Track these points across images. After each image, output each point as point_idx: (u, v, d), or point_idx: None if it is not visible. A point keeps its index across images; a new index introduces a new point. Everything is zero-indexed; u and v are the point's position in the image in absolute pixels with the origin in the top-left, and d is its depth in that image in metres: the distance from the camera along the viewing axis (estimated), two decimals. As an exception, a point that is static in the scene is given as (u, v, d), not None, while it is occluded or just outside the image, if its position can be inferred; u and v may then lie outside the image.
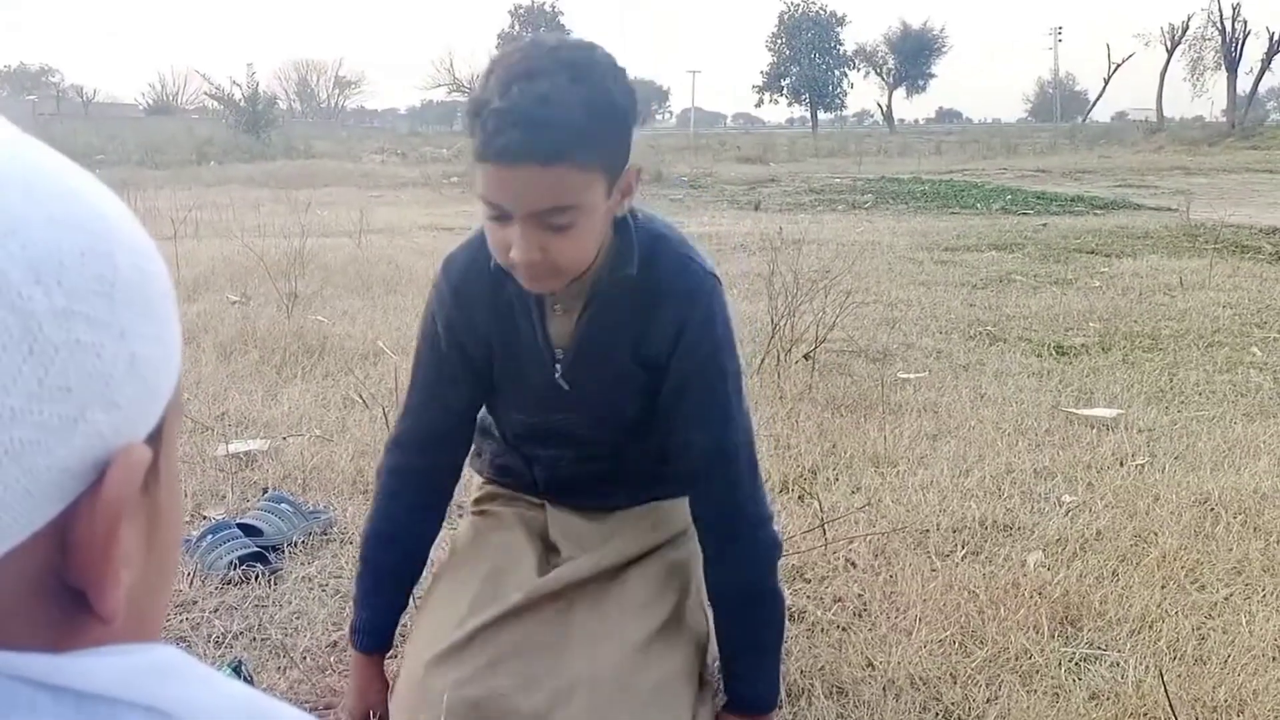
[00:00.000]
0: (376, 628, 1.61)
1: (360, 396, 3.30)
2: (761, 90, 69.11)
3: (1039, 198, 12.17)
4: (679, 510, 1.61)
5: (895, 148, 29.34)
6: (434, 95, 72.52)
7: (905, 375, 3.65)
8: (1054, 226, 8.57)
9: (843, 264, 5.83)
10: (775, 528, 1.55)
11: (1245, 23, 39.32)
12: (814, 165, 22.25)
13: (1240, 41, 39.37)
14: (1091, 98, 61.52)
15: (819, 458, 2.80)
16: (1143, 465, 2.73)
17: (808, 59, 66.65)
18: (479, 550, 1.65)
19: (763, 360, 3.71)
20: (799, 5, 67.17)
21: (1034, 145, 28.32)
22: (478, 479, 1.79)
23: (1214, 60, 41.14)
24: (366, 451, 2.79)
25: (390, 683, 1.60)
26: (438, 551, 1.71)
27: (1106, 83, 51.03)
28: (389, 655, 1.65)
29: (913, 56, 65.68)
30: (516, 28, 66.48)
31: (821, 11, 66.98)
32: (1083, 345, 4.16)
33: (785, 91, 68.56)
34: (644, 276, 1.46)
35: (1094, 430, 3.06)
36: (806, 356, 3.72)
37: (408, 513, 1.59)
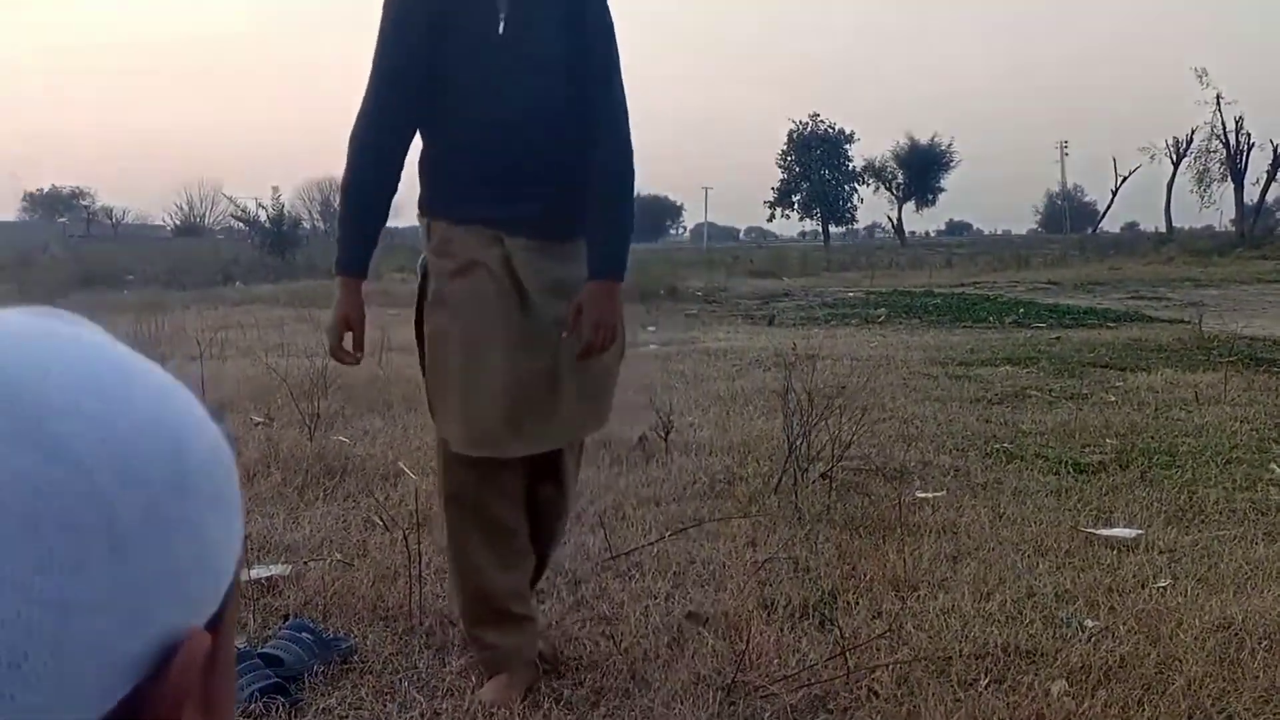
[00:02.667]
0: (361, 257, 2.10)
1: (381, 519, 3.32)
2: (773, 205, 70.30)
3: (1052, 311, 12.27)
4: None
5: (907, 260, 29.70)
6: (453, 212, 73.97)
7: (923, 494, 3.66)
8: (1067, 340, 8.63)
9: (858, 380, 5.88)
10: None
11: (1249, 135, 40.05)
12: (827, 279, 22.51)
13: (1245, 154, 40.03)
14: (1100, 209, 62.35)
15: (838, 581, 2.80)
16: (1165, 588, 2.71)
17: (818, 175, 67.96)
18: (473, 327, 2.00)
19: (780, 479, 3.73)
20: (808, 124, 68.86)
21: (1045, 257, 28.61)
22: (438, 224, 2.06)
23: (1220, 172, 41.74)
24: (387, 576, 2.81)
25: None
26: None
27: (1114, 194, 51.77)
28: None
29: (921, 171, 66.84)
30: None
31: (830, 129, 68.60)
32: (1100, 462, 4.16)
33: (796, 206, 69.74)
34: None
35: (1114, 551, 3.05)
36: (824, 476, 3.74)
37: (383, 170, 2.05)
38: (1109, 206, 54.95)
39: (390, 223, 2.18)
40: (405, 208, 2.24)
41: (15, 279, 18.35)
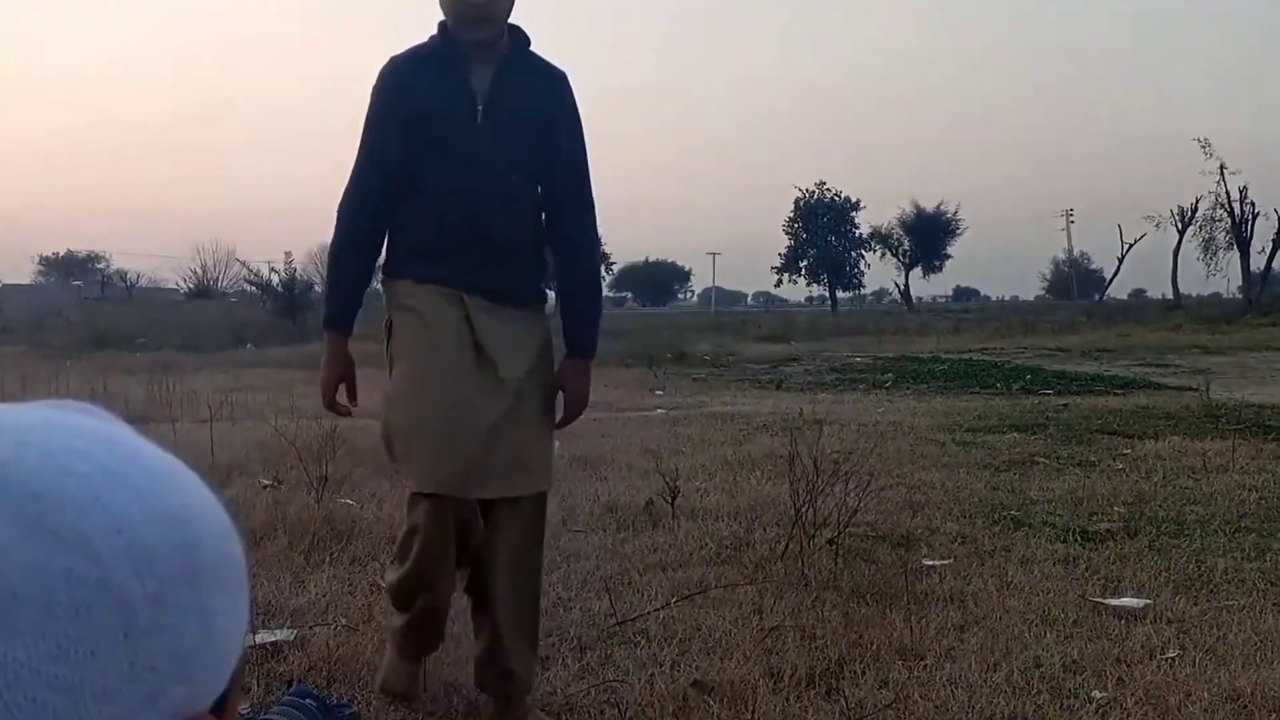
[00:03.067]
0: (348, 314, 2.28)
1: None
2: (780, 270, 70.73)
3: (1059, 377, 12.27)
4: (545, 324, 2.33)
5: (914, 326, 29.78)
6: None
7: (930, 562, 3.65)
8: (1075, 407, 8.63)
9: (865, 445, 5.88)
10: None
11: (1253, 204, 40.30)
12: (834, 344, 22.57)
13: (1250, 222, 40.22)
14: (1106, 275, 62.56)
15: (845, 649, 2.78)
16: (1173, 659, 2.69)
17: (824, 241, 68.44)
18: (430, 358, 2.18)
19: (786, 546, 3.72)
20: (814, 191, 69.52)
21: (1052, 324, 28.67)
22: (400, 284, 2.23)
23: (1225, 240, 41.91)
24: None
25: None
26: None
27: (1121, 261, 51.93)
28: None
29: (927, 238, 67.26)
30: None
31: (836, 197, 69.24)
32: (1108, 531, 4.15)
33: (804, 271, 70.15)
34: (535, 56, 2.26)
35: (1122, 621, 3.03)
36: (831, 542, 3.73)
37: (372, 233, 2.25)
38: (1115, 273, 55.09)
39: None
40: None
41: (29, 341, 18.52)
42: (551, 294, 2.51)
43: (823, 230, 68.78)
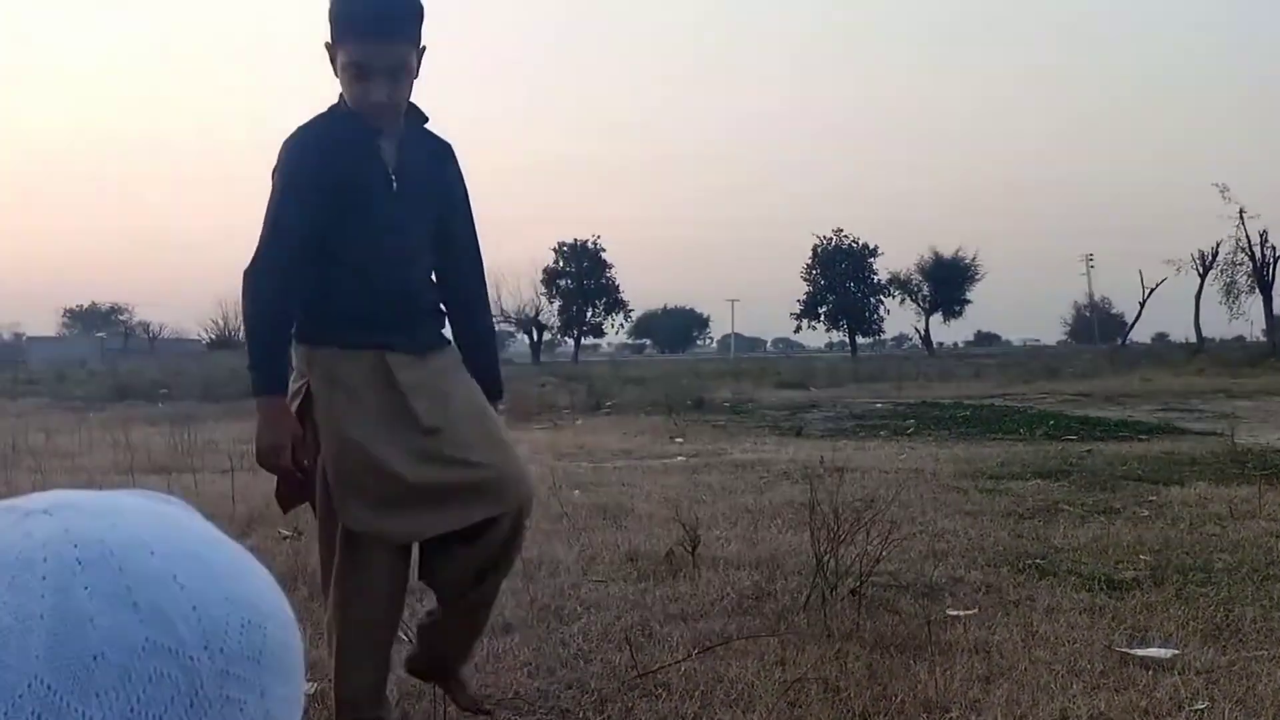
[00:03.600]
0: (281, 377, 2.32)
1: (406, 635, 3.31)
2: (799, 317, 70.87)
3: (1083, 423, 12.18)
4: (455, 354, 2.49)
5: (935, 371, 29.67)
6: (482, 326, 74.94)
7: (954, 612, 3.61)
8: (1099, 453, 8.56)
9: (886, 493, 5.84)
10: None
11: (1274, 248, 40.13)
12: (854, 390, 22.51)
13: (1271, 266, 40.07)
14: (1128, 319, 62.23)
15: (869, 702, 2.75)
16: (1202, 710, 2.65)
17: (843, 287, 68.54)
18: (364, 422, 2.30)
19: (809, 596, 3.69)
20: (831, 239, 69.75)
21: (1074, 368, 28.52)
22: (323, 351, 2.32)
23: (1247, 284, 41.72)
24: (411, 693, 2.79)
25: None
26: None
27: (1142, 306, 51.77)
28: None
29: (946, 283, 67.29)
30: (560, 263, 69.35)
31: (854, 244, 69.43)
32: (1134, 579, 4.10)
33: (823, 318, 70.21)
34: (427, 130, 2.45)
35: (1150, 671, 2.98)
36: (853, 592, 3.70)
37: (290, 302, 2.31)
38: (1138, 317, 54.86)
39: None
40: None
41: (52, 393, 18.69)
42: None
43: (841, 276, 68.95)
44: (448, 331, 2.56)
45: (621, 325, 73.97)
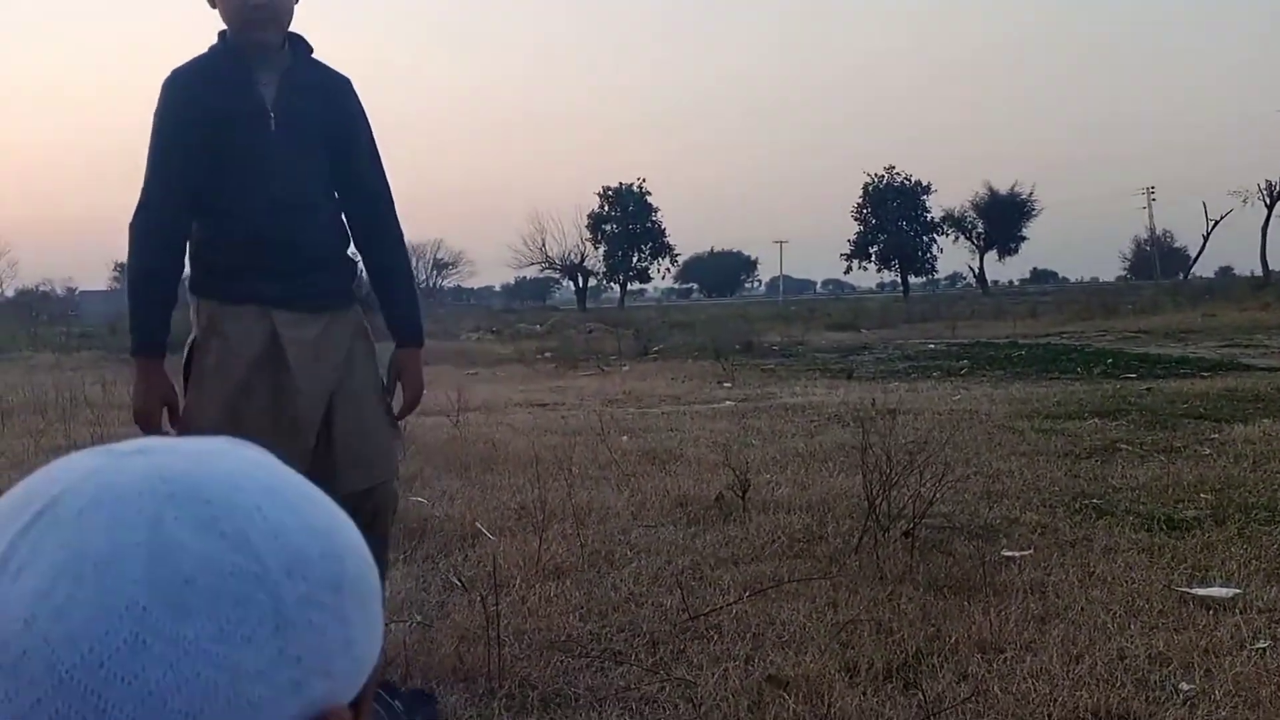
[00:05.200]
0: (160, 338, 2.21)
1: (460, 580, 3.36)
2: (850, 257, 70.06)
3: (1142, 360, 11.95)
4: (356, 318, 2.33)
5: (989, 311, 29.24)
6: (527, 273, 75.37)
7: (1009, 553, 3.57)
8: (1159, 391, 8.38)
9: (940, 435, 5.78)
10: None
11: (1346, 176, 38.74)
12: (906, 331, 22.26)
13: (1342, 194, 38.73)
14: (1191, 253, 60.67)
15: (923, 643, 2.74)
16: (1264, 649, 2.60)
17: (895, 226, 67.55)
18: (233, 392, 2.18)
19: (861, 539, 3.67)
20: (883, 176, 68.63)
21: (1134, 305, 27.92)
22: (206, 303, 2.22)
23: (1316, 214, 40.40)
24: (467, 637, 2.83)
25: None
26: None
27: (1206, 239, 50.48)
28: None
29: (1002, 220, 65.99)
30: (605, 208, 69.08)
31: (906, 181, 68.27)
32: (1195, 518, 4.02)
33: (874, 258, 69.35)
34: (318, 62, 2.29)
35: (1210, 611, 2.93)
36: (906, 534, 3.68)
37: (170, 256, 2.20)
38: (1200, 252, 53.53)
39: (467, 283, 2.45)
40: (479, 272, 2.41)
41: (105, 345, 19.09)
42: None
43: (893, 215, 67.95)
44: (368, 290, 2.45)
45: (668, 270, 73.77)
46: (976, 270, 67.63)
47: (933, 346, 16.35)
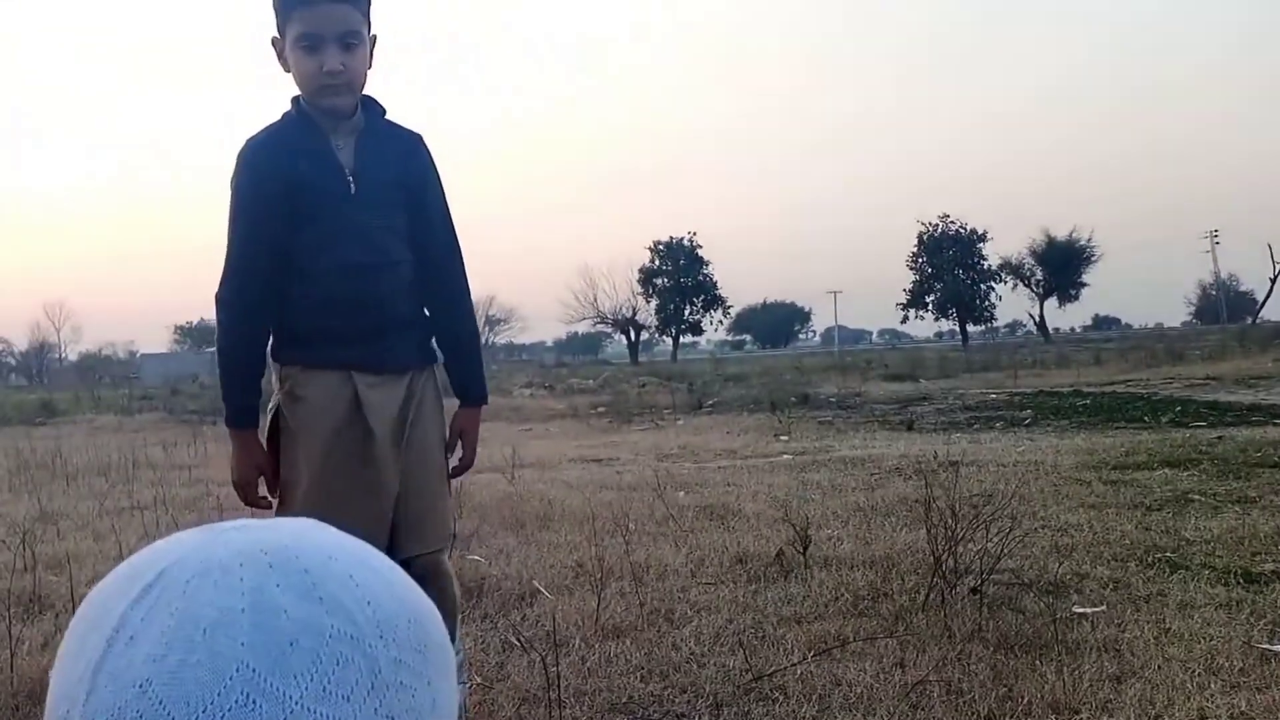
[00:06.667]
0: (252, 409, 2.23)
1: (519, 640, 3.34)
2: (906, 307, 69.52)
3: (1212, 408, 11.64)
4: (435, 382, 2.36)
5: (1051, 359, 28.75)
6: (579, 327, 75.82)
7: (1081, 610, 3.47)
8: (1231, 439, 8.15)
9: (1005, 487, 5.66)
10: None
11: None
12: (966, 381, 21.96)
13: None
14: (1258, 297, 59.27)
15: (994, 704, 2.66)
16: (1359, 713, 2.48)
17: (952, 275, 66.99)
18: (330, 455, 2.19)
19: (927, 596, 3.60)
20: (938, 224, 68.25)
21: (1201, 351, 27.28)
22: (289, 370, 2.22)
23: (1388, 254, 39.31)
24: (528, 699, 2.81)
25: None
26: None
27: (1274, 282, 49.31)
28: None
29: (1061, 266, 65.15)
30: (656, 262, 69.46)
31: (962, 229, 67.81)
32: (1274, 571, 3.87)
33: (931, 306, 68.75)
34: (390, 122, 2.31)
35: (1298, 671, 2.81)
36: (974, 591, 3.59)
37: (260, 325, 2.21)
38: (1269, 295, 52.33)
39: (519, 339, 2.49)
40: (531, 327, 2.41)
41: (165, 407, 19.50)
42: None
43: (949, 264, 67.42)
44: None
45: (720, 322, 73.85)
46: (1037, 318, 66.69)
47: (994, 396, 16.09)
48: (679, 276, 68.77)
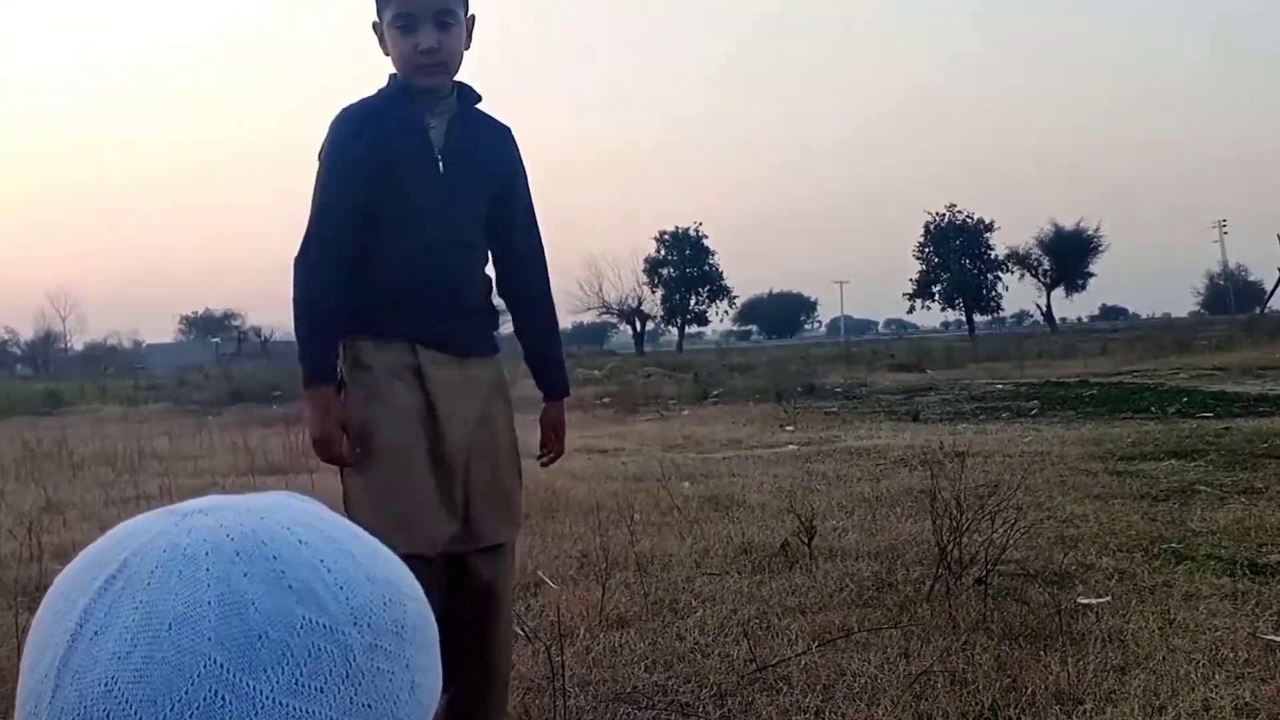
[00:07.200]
0: (333, 365, 2.16)
1: (524, 630, 3.35)
2: (913, 297, 69.42)
3: (1219, 399, 11.61)
4: (500, 370, 2.34)
5: (1058, 349, 28.70)
6: (584, 317, 75.82)
7: (1086, 600, 3.47)
8: (1238, 430, 8.12)
9: (1011, 478, 5.66)
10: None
11: None
12: (973, 371, 21.93)
13: None
14: (1266, 287, 59.06)
15: (999, 694, 2.66)
16: (1364, 704, 2.48)
17: (958, 265, 66.86)
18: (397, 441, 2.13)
19: (932, 586, 3.60)
20: (944, 214, 68.09)
21: (1208, 341, 27.19)
22: (356, 341, 2.17)
23: (1397, 244, 39.13)
24: (532, 688, 2.82)
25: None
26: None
27: (1280, 272, 49.11)
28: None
29: (1068, 256, 64.96)
30: (662, 252, 69.40)
31: (969, 219, 67.64)
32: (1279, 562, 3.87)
33: (937, 296, 68.64)
34: (483, 111, 2.30)
35: (1303, 662, 2.81)
36: (979, 582, 3.59)
37: (340, 287, 2.14)
38: (1276, 285, 52.08)
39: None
40: None
41: (172, 398, 19.56)
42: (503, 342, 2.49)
43: (956, 254, 67.27)
44: (505, 337, 2.43)
45: (726, 312, 73.77)
46: (1043, 308, 66.54)
47: (1000, 386, 16.07)
48: (685, 266, 68.73)
